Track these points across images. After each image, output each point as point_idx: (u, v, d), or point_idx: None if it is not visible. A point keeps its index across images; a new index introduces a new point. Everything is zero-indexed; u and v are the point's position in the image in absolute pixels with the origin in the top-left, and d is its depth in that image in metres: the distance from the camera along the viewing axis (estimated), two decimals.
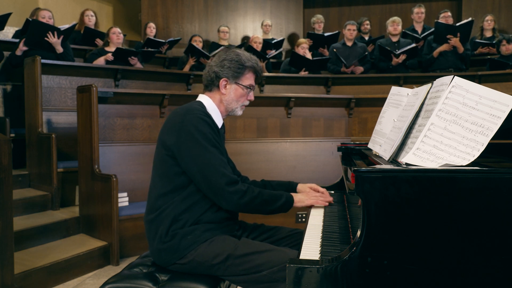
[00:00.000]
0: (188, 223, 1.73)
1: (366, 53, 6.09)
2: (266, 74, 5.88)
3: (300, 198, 1.90)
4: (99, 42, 5.95)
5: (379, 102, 2.43)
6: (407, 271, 1.20)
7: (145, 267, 1.81)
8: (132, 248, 3.54)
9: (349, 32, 6.15)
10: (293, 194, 1.89)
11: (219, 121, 1.89)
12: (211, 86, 1.90)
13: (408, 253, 1.20)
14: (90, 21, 6.06)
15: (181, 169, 1.73)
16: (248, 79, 1.90)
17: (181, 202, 1.73)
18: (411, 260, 1.20)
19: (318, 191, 2.09)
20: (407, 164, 1.33)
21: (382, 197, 1.21)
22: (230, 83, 1.88)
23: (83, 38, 5.89)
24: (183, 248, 1.71)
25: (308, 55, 6.09)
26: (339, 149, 2.43)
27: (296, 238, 1.90)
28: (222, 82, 1.87)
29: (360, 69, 6.02)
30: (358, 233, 1.23)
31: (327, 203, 2.01)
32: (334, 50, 6.04)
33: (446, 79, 1.41)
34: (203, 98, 1.90)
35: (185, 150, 1.70)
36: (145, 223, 1.83)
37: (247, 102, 1.94)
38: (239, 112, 1.94)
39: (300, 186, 2.13)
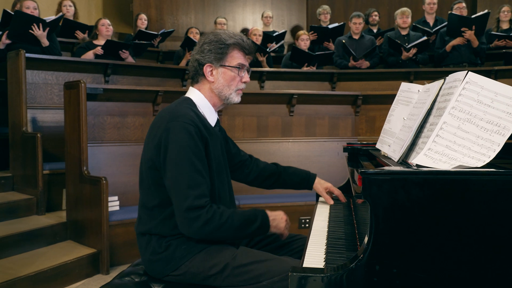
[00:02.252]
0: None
1: (375, 45, 6.09)
2: (267, 69, 5.89)
3: (277, 224, 1.80)
4: (79, 34, 5.95)
5: (388, 99, 2.42)
6: (417, 280, 1.20)
7: (137, 276, 1.81)
8: (123, 255, 3.54)
9: (355, 26, 6.15)
10: (271, 216, 1.78)
11: (212, 118, 1.85)
12: (197, 76, 1.85)
13: (419, 261, 1.20)
14: (69, 11, 6.05)
15: None
16: (235, 57, 1.82)
17: (173, 215, 1.70)
18: (422, 268, 1.20)
19: (333, 193, 2.18)
20: (417, 165, 1.33)
21: (391, 201, 1.21)
22: (216, 68, 1.81)
23: (62, 30, 5.89)
24: (177, 258, 1.70)
25: (303, 47, 6.05)
26: (345, 149, 2.43)
27: (299, 245, 1.90)
28: (207, 68, 1.81)
29: (366, 63, 6.01)
30: (366, 239, 1.23)
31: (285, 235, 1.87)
32: (343, 41, 6.04)
33: (460, 74, 1.41)
34: (192, 93, 1.85)
35: (163, 163, 1.67)
36: (137, 233, 1.83)
37: (242, 85, 1.86)
38: (236, 99, 1.86)
39: (317, 183, 2.19)
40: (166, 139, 1.66)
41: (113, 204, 3.68)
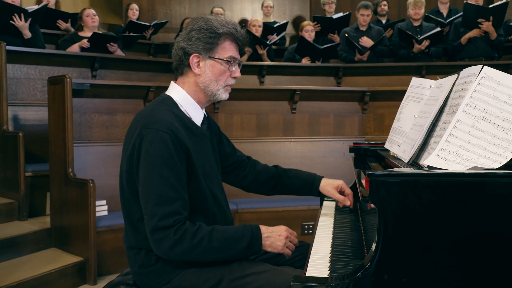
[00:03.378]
0: None
1: (383, 35, 6.08)
2: (267, 63, 5.90)
3: (272, 243, 1.69)
4: (61, 24, 5.94)
5: (398, 96, 2.43)
6: None
7: (127, 287, 1.81)
8: (111, 264, 3.54)
9: (363, 18, 6.15)
10: (266, 232, 1.69)
11: (198, 116, 1.80)
12: (181, 67, 1.77)
13: (431, 270, 1.21)
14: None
15: None
16: (226, 49, 1.75)
17: None
18: (434, 277, 1.20)
19: (344, 193, 2.05)
20: (429, 167, 1.34)
21: (401, 205, 1.21)
22: (204, 59, 1.73)
23: (44, 19, 5.89)
24: (169, 271, 1.69)
25: (309, 39, 6.06)
26: (351, 149, 2.44)
27: (302, 252, 1.89)
28: (193, 59, 1.73)
29: (366, 55, 5.96)
30: (373, 246, 1.24)
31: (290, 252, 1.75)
32: (346, 35, 6.04)
33: (475, 69, 1.41)
34: (172, 91, 1.79)
35: (136, 176, 1.64)
36: (124, 243, 1.82)
37: (231, 81, 1.79)
38: (223, 96, 1.79)
39: (324, 184, 2.05)
40: (138, 149, 1.62)
41: (101, 208, 3.68)
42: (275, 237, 1.71)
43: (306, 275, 1.38)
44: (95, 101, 3.94)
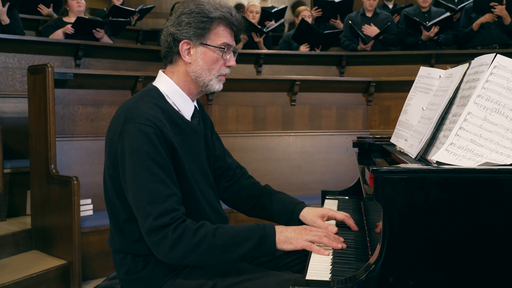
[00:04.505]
0: None
1: (389, 23, 6.07)
2: (265, 51, 5.89)
3: (287, 237, 1.60)
4: (43, 9, 5.91)
5: (405, 87, 2.43)
6: None
7: None
8: (97, 268, 3.55)
9: (369, 2, 6.14)
10: (279, 229, 1.62)
11: (187, 109, 1.78)
12: (170, 55, 1.74)
13: (439, 272, 1.21)
14: None
15: None
16: (220, 35, 1.71)
17: None
18: (442, 280, 1.21)
19: (336, 219, 1.86)
20: (438, 162, 1.34)
21: (407, 204, 1.22)
22: (195, 46, 1.70)
23: (22, 4, 5.86)
24: (158, 278, 1.68)
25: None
26: (354, 144, 2.44)
27: (301, 255, 1.90)
28: (183, 46, 1.70)
29: (369, 44, 5.96)
30: (378, 247, 1.25)
31: (329, 250, 1.60)
32: (350, 22, 6.04)
33: (487, 57, 1.42)
34: (159, 81, 1.77)
35: (122, 175, 1.62)
36: (109, 246, 1.81)
37: (226, 70, 1.76)
38: (217, 86, 1.76)
39: (306, 212, 1.88)
40: (121, 146, 1.60)
41: (86, 208, 3.68)
42: (297, 232, 1.62)
43: (306, 278, 1.39)
44: (79, 92, 3.94)
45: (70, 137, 3.89)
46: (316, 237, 1.61)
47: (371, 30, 5.99)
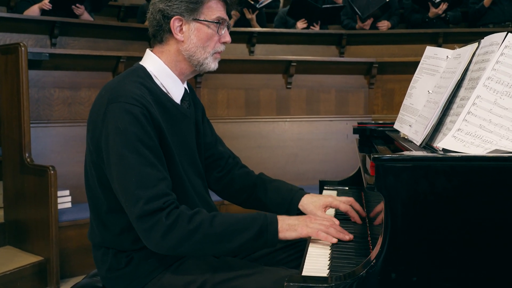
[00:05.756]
0: None
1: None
2: (258, 29, 5.87)
3: (290, 225, 1.61)
4: None
5: (410, 68, 2.45)
6: None
7: None
8: (76, 264, 3.56)
9: None
10: (281, 217, 1.63)
11: (177, 91, 1.78)
12: (160, 33, 1.74)
13: (445, 268, 1.23)
14: None
15: None
16: (213, 9, 1.72)
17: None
18: (448, 276, 1.23)
19: (339, 209, 1.86)
20: (444, 150, 1.35)
21: (411, 194, 1.23)
22: (187, 22, 1.70)
23: None
24: (142, 276, 1.69)
25: None
26: (355, 131, 2.45)
27: (298, 250, 1.91)
28: (175, 22, 1.70)
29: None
30: (379, 241, 1.26)
31: (335, 240, 1.61)
32: None
33: (497, 36, 1.42)
34: (147, 60, 1.77)
35: (106, 159, 1.61)
36: (89, 240, 1.81)
37: (221, 47, 1.77)
38: (212, 65, 1.77)
39: (306, 201, 1.90)
40: (106, 128, 1.60)
41: (64, 200, 3.68)
42: (301, 219, 1.64)
43: (303, 274, 1.40)
44: (55, 74, 3.92)
45: (46, 123, 3.87)
46: (322, 226, 1.62)
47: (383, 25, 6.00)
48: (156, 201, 1.53)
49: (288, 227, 1.61)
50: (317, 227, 1.61)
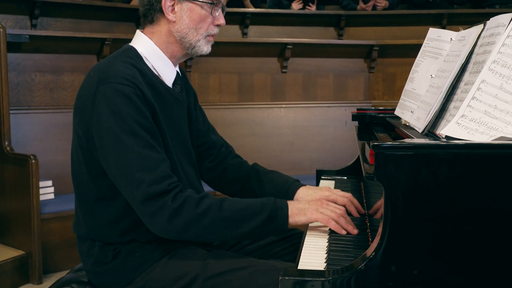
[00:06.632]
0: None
1: None
2: (251, 10, 5.85)
3: (300, 209, 1.64)
4: None
5: (412, 51, 2.44)
6: (444, 285, 1.24)
7: (81, 285, 1.83)
8: (60, 259, 3.56)
9: None
10: (291, 202, 1.67)
11: (169, 74, 1.78)
12: (151, 13, 1.73)
13: (447, 261, 1.24)
14: None
15: None
16: None
17: (122, 207, 1.67)
18: (450, 270, 1.24)
19: (337, 203, 1.78)
20: (447, 137, 1.36)
21: (413, 183, 1.24)
22: (179, 1, 1.70)
23: None
24: (130, 270, 1.69)
25: None
26: (354, 117, 2.46)
27: (294, 242, 1.91)
28: (166, 2, 1.69)
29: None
30: (379, 233, 1.27)
31: (344, 231, 1.63)
32: None
33: (504, 18, 1.43)
34: (137, 41, 1.77)
35: (99, 146, 1.61)
36: (74, 231, 1.81)
37: (214, 30, 1.78)
38: (205, 48, 1.77)
39: (302, 194, 1.90)
40: (97, 111, 1.59)
41: (46, 191, 3.68)
42: (312, 203, 1.66)
43: (299, 267, 1.40)
44: (36, 57, 3.90)
45: (26, 110, 3.86)
46: (333, 213, 1.63)
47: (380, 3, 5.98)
48: (160, 184, 1.54)
49: (298, 211, 1.63)
50: (328, 213, 1.62)
